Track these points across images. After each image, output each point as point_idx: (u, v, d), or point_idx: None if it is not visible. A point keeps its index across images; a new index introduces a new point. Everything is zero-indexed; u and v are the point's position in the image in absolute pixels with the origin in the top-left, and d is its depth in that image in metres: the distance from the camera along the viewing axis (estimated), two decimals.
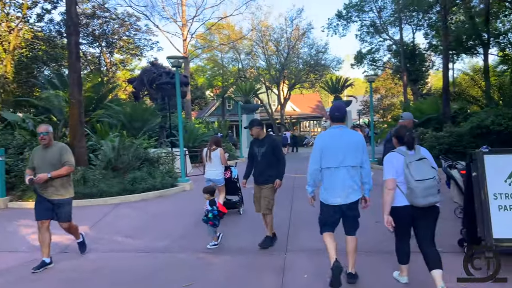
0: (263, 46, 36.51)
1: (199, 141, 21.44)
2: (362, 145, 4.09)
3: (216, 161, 7.53)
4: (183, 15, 23.16)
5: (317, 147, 4.11)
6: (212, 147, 7.59)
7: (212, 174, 7.55)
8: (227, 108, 45.86)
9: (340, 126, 4.11)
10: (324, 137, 4.18)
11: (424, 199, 3.67)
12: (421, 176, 3.67)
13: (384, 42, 29.03)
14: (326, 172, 4.07)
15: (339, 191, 4.02)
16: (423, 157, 3.81)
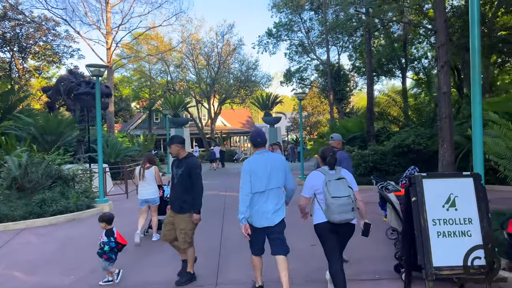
0: (193, 59, 35.86)
1: (122, 156, 20.00)
2: (284, 167, 4.38)
3: (151, 179, 7.20)
4: (107, 23, 21.73)
5: (247, 173, 4.26)
6: (146, 165, 7.24)
7: (147, 193, 7.18)
8: (155, 122, 44.15)
9: (263, 151, 4.37)
10: (251, 163, 4.32)
11: (339, 215, 3.93)
12: (337, 194, 3.95)
13: (311, 61, 30.04)
14: (254, 197, 4.25)
15: (266, 214, 4.23)
16: (342, 177, 4.09)
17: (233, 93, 36.94)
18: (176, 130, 26.50)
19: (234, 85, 36.56)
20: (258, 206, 4.24)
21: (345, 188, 4.02)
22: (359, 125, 18.76)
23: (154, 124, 43.83)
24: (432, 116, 16.75)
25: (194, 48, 35.18)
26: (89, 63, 10.33)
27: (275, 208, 4.27)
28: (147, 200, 7.18)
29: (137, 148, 21.58)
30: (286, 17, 28.68)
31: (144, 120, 43.29)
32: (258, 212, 4.24)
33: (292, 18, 28.80)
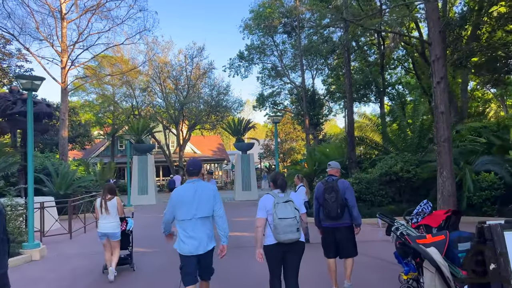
0: (160, 83, 33.99)
1: (74, 187, 17.59)
2: (213, 196, 4.46)
3: (113, 211, 6.75)
4: (63, 39, 19.69)
5: (172, 201, 4.42)
6: (108, 196, 6.82)
7: (109, 227, 6.71)
8: (119, 149, 41.48)
9: (194, 180, 4.49)
10: (179, 191, 4.44)
11: (285, 235, 4.20)
12: (283, 215, 4.23)
13: (285, 85, 28.91)
14: (181, 224, 4.37)
15: (193, 241, 4.30)
16: (290, 199, 4.37)
17: (203, 118, 35.11)
18: (140, 157, 24.29)
19: (205, 110, 34.81)
20: (188, 233, 4.33)
21: (291, 210, 4.30)
22: (338, 150, 17.31)
23: (118, 152, 41.12)
24: (416, 141, 15.55)
25: (162, 71, 33.38)
26: (19, 74, 8.38)
27: (204, 237, 4.36)
28: (106, 234, 6.71)
29: (92, 177, 19.19)
30: (258, 40, 27.59)
31: (107, 147, 40.58)
32: (184, 239, 4.33)
33: (265, 41, 27.73)
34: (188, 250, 4.31)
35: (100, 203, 6.78)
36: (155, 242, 10.26)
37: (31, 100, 8.58)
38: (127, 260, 7.34)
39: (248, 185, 24.94)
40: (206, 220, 4.41)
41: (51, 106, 10.93)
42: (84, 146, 32.18)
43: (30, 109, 8.59)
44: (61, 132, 19.92)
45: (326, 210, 5.38)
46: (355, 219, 5.44)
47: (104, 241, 6.80)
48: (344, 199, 5.34)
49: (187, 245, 4.31)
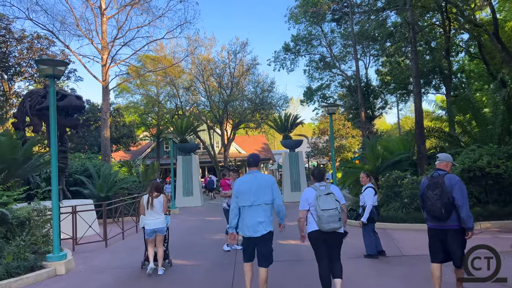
0: (203, 81, 33.02)
1: (115, 189, 16.71)
2: (271, 185, 4.99)
3: (159, 208, 7.06)
4: (103, 36, 19.04)
5: (235, 190, 5.13)
6: (154, 194, 7.10)
7: (156, 223, 7.01)
8: (165, 150, 41.19)
9: (253, 171, 5.08)
10: (240, 181, 5.10)
11: (328, 225, 4.71)
12: (325, 207, 4.73)
13: (335, 77, 26.77)
14: (242, 210, 4.99)
15: (251, 225, 4.89)
16: (331, 192, 4.87)
17: (247, 117, 33.70)
18: (184, 157, 23.28)
19: (249, 109, 33.41)
20: (247, 219, 4.91)
21: (333, 201, 4.77)
22: (404, 145, 15.08)
23: (164, 153, 40.84)
24: (498, 131, 13.07)
25: (205, 69, 32.38)
26: (39, 59, 7.23)
27: (261, 222, 4.87)
28: (155, 230, 7.00)
29: (134, 179, 18.28)
30: (305, 30, 25.73)
31: (153, 149, 40.39)
32: (244, 223, 4.95)
33: (312, 30, 25.81)
34: (245, 233, 4.91)
35: (147, 200, 7.02)
36: (199, 252, 8.85)
37: (53, 88, 7.41)
38: (166, 255, 7.50)
39: (297, 185, 23.17)
40: (265, 207, 4.89)
41: (82, 99, 9.85)
42: (129, 147, 31.82)
43: (52, 99, 7.42)
44: (102, 132, 19.26)
45: (428, 209, 4.82)
46: (464, 222, 4.66)
47: (151, 238, 7.04)
48: (450, 197, 4.66)
49: (245, 229, 4.90)
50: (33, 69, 22.58)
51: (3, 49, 19.83)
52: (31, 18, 17.15)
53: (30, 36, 21.51)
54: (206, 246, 9.65)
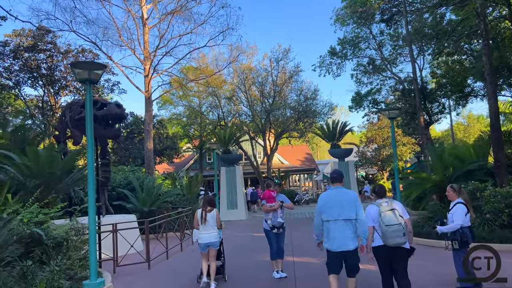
0: (245, 91, 32.31)
1: (159, 202, 16.04)
2: (354, 201, 5.10)
3: (212, 222, 7.13)
4: (145, 46, 18.73)
5: (319, 204, 5.23)
6: (208, 208, 7.18)
7: (209, 237, 7.07)
8: (207, 162, 40.80)
9: (337, 187, 5.20)
10: (324, 196, 5.27)
11: (392, 239, 4.92)
12: (389, 222, 4.93)
13: (386, 81, 25.02)
14: (326, 225, 5.11)
15: (337, 240, 4.98)
16: (394, 208, 5.08)
17: (291, 125, 32.49)
18: (227, 168, 22.45)
19: (292, 117, 32.23)
20: (332, 233, 5.02)
21: (396, 217, 4.97)
22: (476, 152, 13.26)
23: (207, 165, 40.45)
24: None
25: (247, 78, 31.65)
26: (73, 61, 6.52)
27: (347, 236, 4.95)
28: (208, 244, 7.06)
29: (178, 191, 17.56)
30: (352, 32, 24.30)
31: (196, 160, 40.13)
32: (329, 238, 5.05)
33: (359, 32, 24.35)
34: (333, 248, 5.01)
35: (200, 215, 7.14)
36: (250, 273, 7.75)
37: (89, 94, 6.66)
38: (220, 270, 7.54)
39: None
40: (349, 222, 5.01)
41: (122, 107, 9.14)
42: (172, 159, 31.50)
43: (88, 105, 6.67)
44: (146, 144, 18.80)
45: None
46: None
47: (206, 251, 7.10)
48: None
49: (332, 243, 5.03)
50: (78, 83, 22.76)
51: (49, 64, 20.02)
52: (74, 30, 17.15)
53: (75, 50, 21.67)
54: (257, 268, 8.53)
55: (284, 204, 7.85)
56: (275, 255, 7.72)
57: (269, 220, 7.74)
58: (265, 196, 7.94)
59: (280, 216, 7.74)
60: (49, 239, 7.19)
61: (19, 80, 20.06)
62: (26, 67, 19.60)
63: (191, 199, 18.44)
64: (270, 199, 7.86)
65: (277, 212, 7.75)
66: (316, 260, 9.07)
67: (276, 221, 7.71)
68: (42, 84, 20.50)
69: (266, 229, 7.84)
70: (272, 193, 7.99)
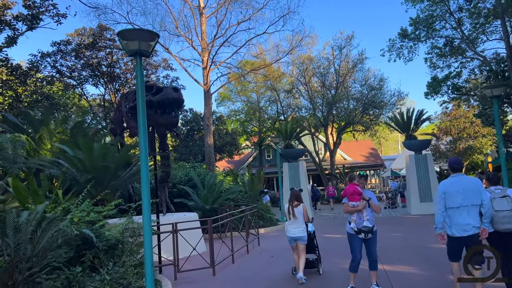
0: (305, 83, 30.66)
1: (221, 200, 15.03)
2: (479, 187, 5.14)
3: (300, 217, 7.16)
4: (203, 37, 17.86)
5: (440, 192, 5.28)
6: (294, 203, 7.21)
7: (297, 231, 7.12)
8: (266, 159, 39.70)
9: (458, 175, 5.26)
10: (446, 184, 5.28)
11: (502, 225, 5.06)
12: (499, 208, 5.08)
13: (467, 63, 22.08)
14: (449, 211, 5.19)
15: (460, 225, 5.08)
16: (507, 195, 5.19)
17: (356, 118, 30.33)
18: (290, 164, 21.03)
19: (356, 109, 30.06)
20: (455, 219, 5.11)
21: (508, 203, 5.11)
22: None
23: (266, 162, 39.39)
24: None
25: (307, 69, 30.02)
26: (123, 29, 5.46)
27: (470, 222, 5.04)
28: (295, 238, 7.12)
29: (240, 188, 16.47)
30: (426, 10, 21.73)
31: (255, 158, 39.19)
32: (452, 224, 5.15)
33: (435, 10, 21.72)
34: (457, 233, 5.11)
35: (287, 209, 7.21)
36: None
37: (140, 68, 5.57)
38: (315, 264, 7.65)
39: (427, 195, 19.24)
40: (473, 208, 5.07)
41: (180, 91, 8.03)
42: (232, 155, 30.69)
43: (140, 83, 5.58)
44: (206, 139, 17.95)
45: None
46: None
47: (294, 244, 7.21)
48: None
49: (454, 229, 5.13)
50: None
51: (109, 61, 19.88)
52: (131, 21, 16.78)
53: None
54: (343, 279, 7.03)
55: (370, 202, 6.27)
56: (356, 266, 6.15)
57: (352, 222, 6.22)
58: (347, 192, 6.37)
59: (367, 219, 6.12)
60: (101, 241, 6.24)
61: (81, 79, 20.14)
62: (88, 65, 19.60)
63: (253, 196, 17.28)
64: (354, 195, 6.30)
65: (362, 213, 6.19)
66: (412, 268, 7.39)
67: (361, 224, 6.15)
68: (103, 82, 20.45)
69: (349, 233, 6.31)
70: (357, 187, 6.42)
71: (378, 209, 6.31)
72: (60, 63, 19.44)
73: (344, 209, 6.42)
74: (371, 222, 6.18)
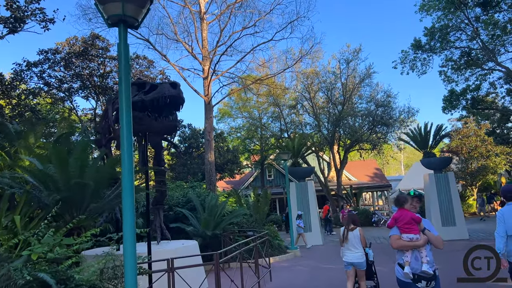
0: (310, 98, 29.16)
1: (224, 224, 13.18)
2: None
3: (356, 242, 6.80)
4: (203, 44, 16.36)
5: (501, 220, 5.24)
6: (351, 227, 6.89)
7: (354, 257, 6.75)
8: (267, 179, 37.82)
9: None
10: (505, 211, 5.28)
11: None
12: None
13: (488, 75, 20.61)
14: (510, 239, 5.15)
15: None
16: None
17: (363, 135, 28.73)
18: (298, 184, 19.24)
19: (364, 126, 28.49)
20: (510, 246, 5.13)
21: None
22: None
23: (267, 182, 37.52)
24: None
25: (311, 83, 28.58)
26: None
27: None
28: (352, 263, 6.78)
29: (245, 211, 14.63)
30: (441, 20, 20.43)
31: (256, 177, 37.33)
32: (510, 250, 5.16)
33: (450, 20, 20.45)
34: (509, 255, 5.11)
35: (343, 233, 6.90)
36: None
37: (124, 44, 3.86)
38: None
39: (451, 218, 17.45)
40: None
41: (178, 87, 6.29)
42: (234, 174, 28.80)
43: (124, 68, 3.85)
44: (206, 156, 16.20)
45: None
46: None
47: (350, 270, 6.84)
48: None
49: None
50: None
51: (101, 71, 18.28)
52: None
53: None
54: None
55: (427, 234, 4.49)
56: None
57: (406, 264, 4.41)
58: (401, 220, 4.59)
59: (427, 261, 4.33)
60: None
61: (71, 90, 18.50)
62: (78, 76, 17.99)
63: (259, 220, 15.42)
64: (411, 226, 4.51)
65: (420, 252, 4.41)
66: None
67: (419, 267, 4.36)
68: (94, 95, 18.81)
69: (402, 281, 4.46)
70: (415, 214, 4.62)
71: (441, 244, 4.48)
72: (48, 74, 17.84)
73: (393, 245, 4.54)
74: (431, 265, 4.38)
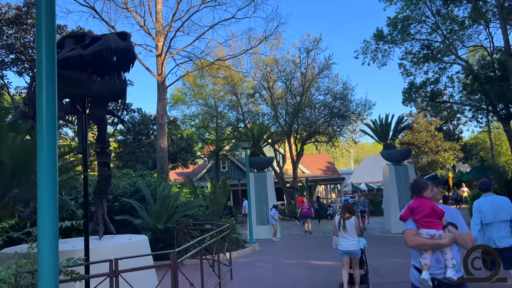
0: (269, 88, 28.23)
1: (178, 217, 11.83)
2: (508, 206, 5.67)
3: (352, 230, 6.82)
4: (157, 18, 14.73)
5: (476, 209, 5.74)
6: (346, 215, 6.89)
7: (350, 245, 6.77)
8: (221, 171, 36.57)
9: (489, 194, 5.82)
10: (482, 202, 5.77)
11: None
12: None
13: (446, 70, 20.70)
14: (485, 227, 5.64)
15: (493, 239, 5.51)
16: None
17: (320, 128, 28.31)
18: (256, 174, 18.23)
19: (324, 116, 28.05)
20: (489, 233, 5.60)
21: None
22: None
23: (221, 174, 36.30)
24: None
25: (270, 72, 27.64)
26: None
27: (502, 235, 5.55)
28: (348, 251, 6.81)
29: (201, 202, 13.32)
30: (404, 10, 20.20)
31: (209, 169, 35.94)
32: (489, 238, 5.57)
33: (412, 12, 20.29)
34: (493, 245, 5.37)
35: (338, 222, 6.91)
36: None
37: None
38: (363, 279, 7.15)
39: None
40: (503, 223, 5.57)
41: (129, 37, 4.89)
42: (187, 163, 27.19)
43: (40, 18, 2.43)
44: (159, 141, 14.66)
45: None
46: None
47: (345, 258, 6.83)
48: None
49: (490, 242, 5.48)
50: None
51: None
52: None
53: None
54: None
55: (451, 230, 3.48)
56: None
57: (424, 268, 3.40)
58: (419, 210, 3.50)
59: (453, 265, 3.35)
60: None
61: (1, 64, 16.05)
62: (9, 47, 15.63)
63: (216, 212, 14.19)
64: (431, 219, 3.43)
65: (444, 252, 3.41)
66: None
67: (441, 273, 3.37)
68: (29, 70, 16.49)
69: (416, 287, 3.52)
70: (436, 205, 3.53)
71: (470, 243, 3.50)
72: None
73: (409, 242, 3.47)
74: (457, 269, 3.40)
